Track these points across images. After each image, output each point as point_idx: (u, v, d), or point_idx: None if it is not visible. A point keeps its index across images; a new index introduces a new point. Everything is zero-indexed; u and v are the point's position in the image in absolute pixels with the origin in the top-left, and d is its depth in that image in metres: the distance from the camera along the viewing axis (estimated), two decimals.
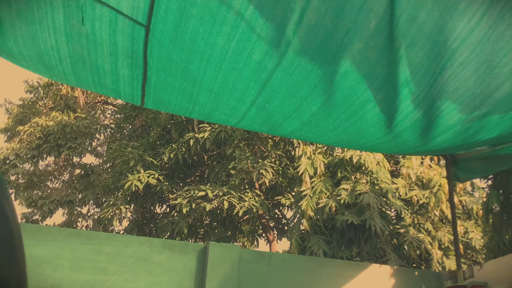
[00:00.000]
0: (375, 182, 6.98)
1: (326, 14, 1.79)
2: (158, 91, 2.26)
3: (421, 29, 1.85)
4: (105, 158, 12.39)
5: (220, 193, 7.90)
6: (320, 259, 5.83)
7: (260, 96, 2.27)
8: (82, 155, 11.96)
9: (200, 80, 2.14)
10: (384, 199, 7.05)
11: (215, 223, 9.65)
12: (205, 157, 9.88)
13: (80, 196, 11.49)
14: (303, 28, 1.84)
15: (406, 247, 6.95)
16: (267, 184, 8.53)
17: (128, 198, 9.41)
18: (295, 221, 7.67)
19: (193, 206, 7.89)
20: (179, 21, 1.80)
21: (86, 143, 11.78)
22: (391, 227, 7.25)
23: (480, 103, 2.23)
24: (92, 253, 3.54)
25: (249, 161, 8.28)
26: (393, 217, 7.72)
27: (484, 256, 6.60)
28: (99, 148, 13.09)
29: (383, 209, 7.07)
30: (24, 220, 10.82)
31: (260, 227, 10.23)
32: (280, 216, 10.25)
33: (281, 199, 8.64)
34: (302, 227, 7.15)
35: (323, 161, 7.25)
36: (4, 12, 1.73)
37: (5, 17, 1.76)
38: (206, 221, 9.74)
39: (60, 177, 12.77)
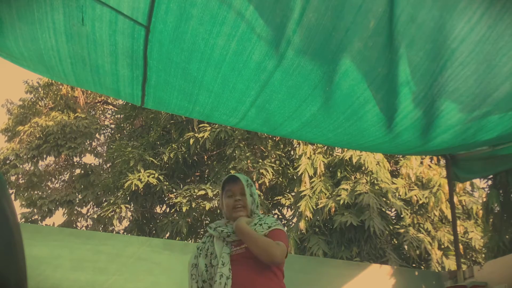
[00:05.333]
0: (375, 182, 6.98)
1: (326, 13, 1.79)
2: (158, 91, 2.26)
3: (420, 28, 1.85)
4: (105, 158, 12.39)
5: (220, 192, 7.91)
6: (320, 259, 5.83)
7: (260, 96, 2.27)
8: (82, 155, 11.96)
9: (200, 81, 2.15)
10: (384, 199, 7.05)
11: None
12: (205, 157, 9.87)
13: (80, 196, 11.48)
14: (303, 28, 1.84)
15: (406, 247, 6.95)
16: (267, 184, 8.54)
17: (128, 198, 9.41)
18: (293, 221, 7.67)
19: (193, 205, 7.89)
20: (179, 21, 1.80)
21: (86, 143, 11.77)
22: (391, 227, 7.25)
23: (480, 103, 2.23)
24: (92, 253, 3.54)
25: (249, 161, 8.28)
26: (393, 217, 7.72)
27: (484, 256, 6.60)
28: (99, 148, 13.09)
29: (383, 209, 7.07)
30: (24, 220, 10.81)
31: None
32: (280, 216, 10.25)
33: (281, 199, 8.65)
34: (300, 227, 7.15)
35: (323, 161, 7.25)
36: (4, 12, 1.74)
37: (5, 17, 1.76)
38: (206, 221, 9.74)
39: (60, 177, 12.77)
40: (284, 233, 1.91)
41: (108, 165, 12.42)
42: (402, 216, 7.20)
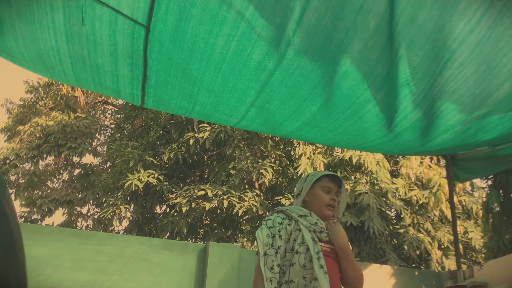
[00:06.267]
0: (375, 182, 6.98)
1: (326, 14, 1.79)
2: (158, 91, 2.26)
3: (420, 29, 1.85)
4: (105, 158, 12.39)
5: (220, 193, 7.90)
6: None
7: (260, 96, 2.28)
8: (82, 155, 11.96)
9: (200, 80, 2.15)
10: (384, 199, 7.04)
11: (215, 223, 9.65)
12: (205, 157, 9.87)
13: (80, 196, 11.48)
14: (303, 28, 1.84)
15: (406, 247, 6.95)
16: (267, 184, 8.53)
17: (128, 198, 9.41)
18: None
19: (193, 205, 7.89)
20: (179, 21, 1.80)
21: (86, 143, 11.77)
22: (391, 227, 7.25)
23: (480, 104, 2.23)
24: (92, 253, 3.55)
25: (249, 161, 8.28)
26: (393, 217, 7.72)
27: (484, 256, 6.60)
28: (99, 148, 13.09)
29: (383, 209, 7.07)
30: (23, 220, 10.82)
31: None
32: None
33: (281, 199, 8.64)
34: None
35: (322, 161, 7.25)
36: (4, 12, 1.74)
37: (5, 17, 1.76)
38: (206, 221, 9.74)
39: (60, 177, 12.78)
40: None
41: (108, 165, 12.42)
42: (402, 216, 7.20)
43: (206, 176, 10.22)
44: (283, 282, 1.75)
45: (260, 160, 8.38)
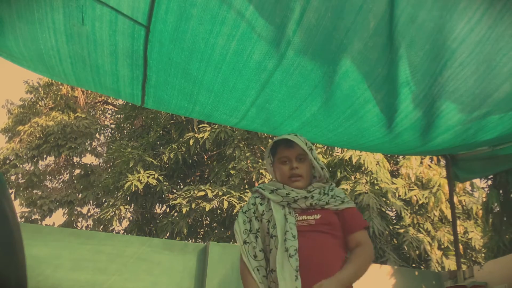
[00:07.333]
0: (375, 182, 6.98)
1: (326, 14, 1.79)
2: (158, 91, 2.26)
3: (420, 28, 1.85)
4: (105, 158, 12.39)
5: (220, 193, 7.90)
6: None
7: (260, 96, 2.28)
8: (82, 155, 11.96)
9: (200, 80, 2.15)
10: (384, 199, 7.04)
11: (215, 223, 9.65)
12: (205, 157, 9.87)
13: (80, 196, 11.48)
14: (303, 28, 1.84)
15: (405, 247, 6.95)
16: None
17: (128, 198, 9.40)
18: None
19: (193, 206, 7.88)
20: (179, 21, 1.80)
21: (86, 143, 11.77)
22: (391, 227, 7.25)
23: (480, 103, 2.23)
24: (92, 253, 3.54)
25: (249, 161, 8.27)
26: (393, 217, 7.72)
27: (484, 256, 6.60)
28: (99, 148, 13.09)
29: (383, 209, 7.07)
30: (23, 220, 10.82)
31: None
32: None
33: None
34: None
35: (322, 161, 7.25)
36: (4, 12, 1.74)
37: (5, 17, 1.76)
38: (206, 221, 9.73)
39: (60, 177, 12.77)
40: (358, 211, 1.69)
41: (108, 165, 12.42)
42: (402, 216, 7.20)
43: (206, 176, 10.22)
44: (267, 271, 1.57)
45: (260, 160, 8.38)
